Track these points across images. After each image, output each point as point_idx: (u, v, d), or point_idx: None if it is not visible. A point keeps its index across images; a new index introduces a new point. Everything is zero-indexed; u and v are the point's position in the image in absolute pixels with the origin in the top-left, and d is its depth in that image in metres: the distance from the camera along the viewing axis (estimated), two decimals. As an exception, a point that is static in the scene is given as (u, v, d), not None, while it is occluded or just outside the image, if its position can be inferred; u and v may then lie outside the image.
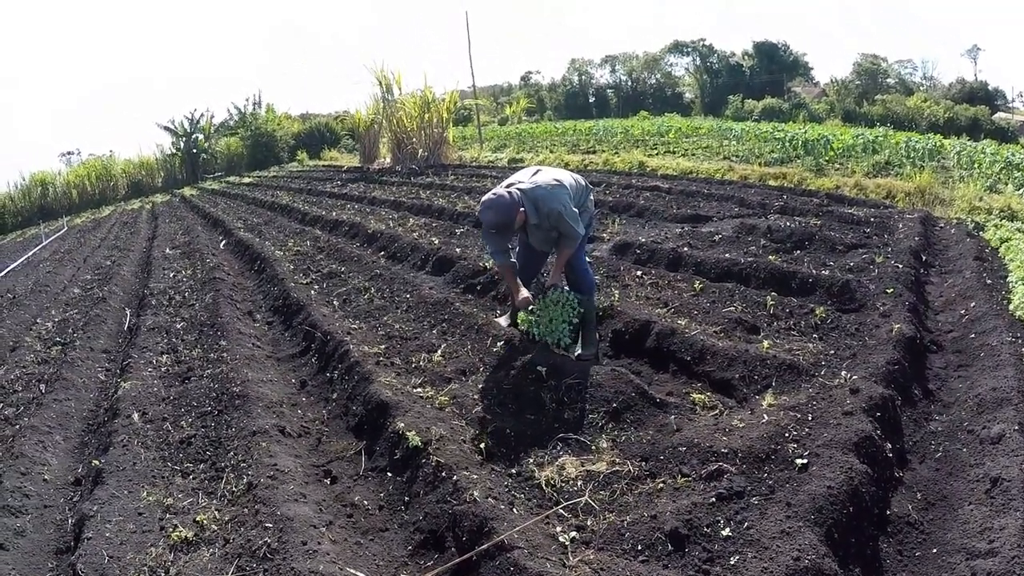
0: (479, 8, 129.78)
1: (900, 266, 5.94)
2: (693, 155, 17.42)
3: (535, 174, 4.44)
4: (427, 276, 7.02)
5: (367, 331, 5.25)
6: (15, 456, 4.14)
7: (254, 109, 39.98)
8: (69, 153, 51.06)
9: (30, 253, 17.31)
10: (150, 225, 18.18)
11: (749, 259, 6.23)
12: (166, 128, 37.74)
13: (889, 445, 3.11)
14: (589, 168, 16.63)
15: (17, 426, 4.69)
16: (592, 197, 4.80)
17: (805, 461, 2.83)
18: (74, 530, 3.37)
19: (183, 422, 4.35)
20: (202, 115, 38.66)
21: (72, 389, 5.41)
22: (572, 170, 16.10)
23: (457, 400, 3.75)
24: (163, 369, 5.42)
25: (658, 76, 67.81)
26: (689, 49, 64.30)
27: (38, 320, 8.07)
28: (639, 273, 5.96)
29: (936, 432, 3.46)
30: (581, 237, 4.41)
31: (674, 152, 18.48)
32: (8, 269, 14.54)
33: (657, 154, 18.23)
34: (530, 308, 4.49)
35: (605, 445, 3.18)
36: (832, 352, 4.19)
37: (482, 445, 3.24)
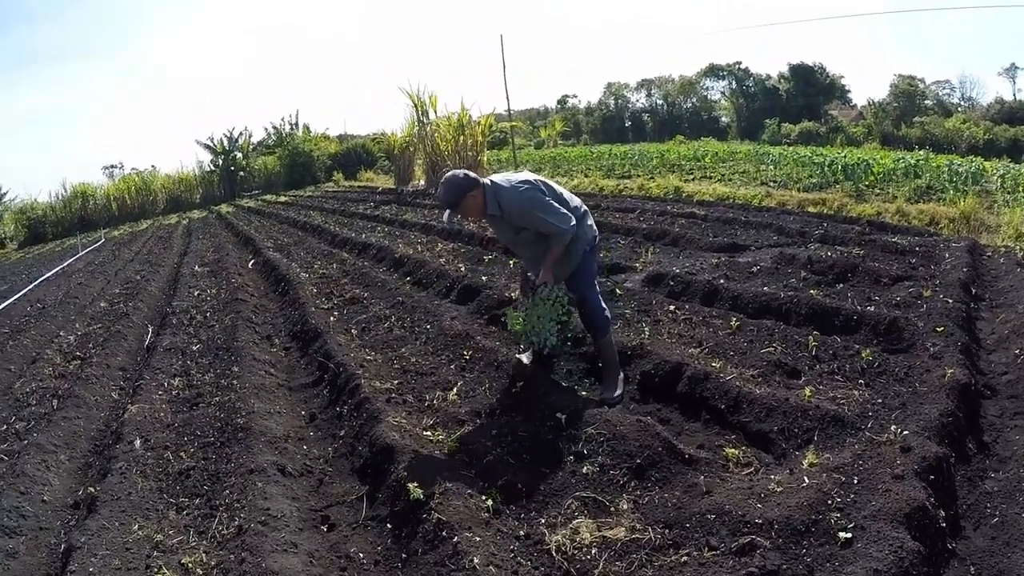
0: (516, 32, 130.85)
1: (949, 301, 5.52)
2: (730, 180, 17.07)
3: (503, 174, 4.25)
4: (451, 304, 6.79)
5: (382, 363, 5.02)
6: (16, 475, 4.02)
7: (291, 129, 40.59)
8: (112, 167, 52.78)
9: (65, 264, 17.57)
10: (184, 241, 18.34)
11: (789, 293, 5.88)
12: (205, 145, 38.54)
13: (942, 512, 2.75)
14: (624, 193, 16.37)
15: (25, 441, 4.58)
16: (591, 223, 4.44)
17: (849, 535, 2.49)
18: (62, 559, 3.22)
19: (184, 452, 4.17)
20: (240, 134, 39.40)
21: (83, 407, 5.28)
22: (607, 195, 16.17)
23: (468, 447, 3.47)
24: (173, 392, 5.27)
25: (694, 100, 67.54)
26: (725, 72, 63.99)
27: (61, 333, 8.05)
28: (672, 308, 5.64)
29: (992, 492, 3.09)
30: (566, 232, 4.02)
31: (710, 177, 18.14)
32: (42, 279, 14.72)
33: (693, 179, 17.92)
34: (517, 307, 4.34)
35: (626, 507, 2.86)
36: (880, 401, 3.82)
37: (489, 502, 2.96)
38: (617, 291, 6.17)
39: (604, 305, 4.45)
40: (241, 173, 38.66)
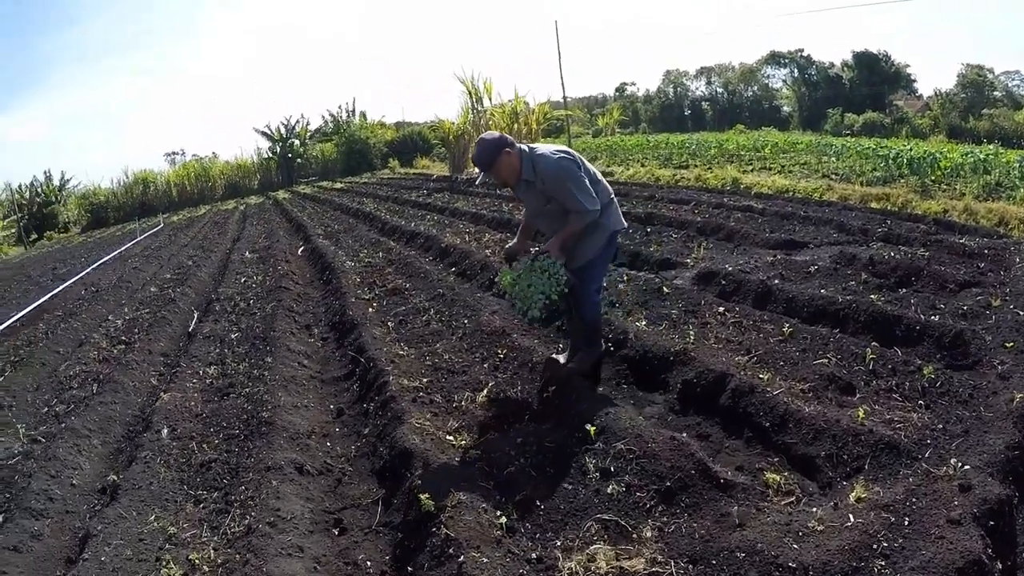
0: (573, 19, 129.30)
1: (1021, 312, 5.05)
2: (790, 172, 16.42)
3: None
4: (493, 298, 6.61)
5: (414, 359, 4.88)
6: (49, 458, 4.09)
7: (348, 117, 40.96)
8: (174, 153, 54.36)
9: (123, 248, 18.11)
10: (238, 227, 18.67)
11: (847, 298, 5.49)
12: (263, 133, 39.28)
13: (1000, 565, 2.44)
14: (680, 184, 15.92)
15: (63, 425, 4.66)
16: (619, 215, 4.34)
17: (893, 592, 2.22)
18: (79, 546, 3.26)
19: (208, 443, 4.15)
20: (298, 121, 39.98)
21: (121, 392, 5.34)
22: (662, 185, 15.74)
23: (491, 455, 3.28)
24: (207, 381, 5.27)
25: (755, 88, 65.68)
26: (787, 60, 61.92)
27: (110, 317, 8.22)
28: (721, 310, 5.34)
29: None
30: (589, 213, 3.95)
31: (770, 168, 17.51)
32: (99, 263, 15.19)
33: (752, 170, 17.32)
34: (513, 266, 4.18)
35: (649, 534, 2.63)
36: (940, 426, 3.48)
37: (503, 519, 2.77)
38: (664, 289, 5.89)
39: (599, 310, 4.43)
40: (298, 160, 39.30)
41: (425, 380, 4.39)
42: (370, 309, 6.37)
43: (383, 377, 4.28)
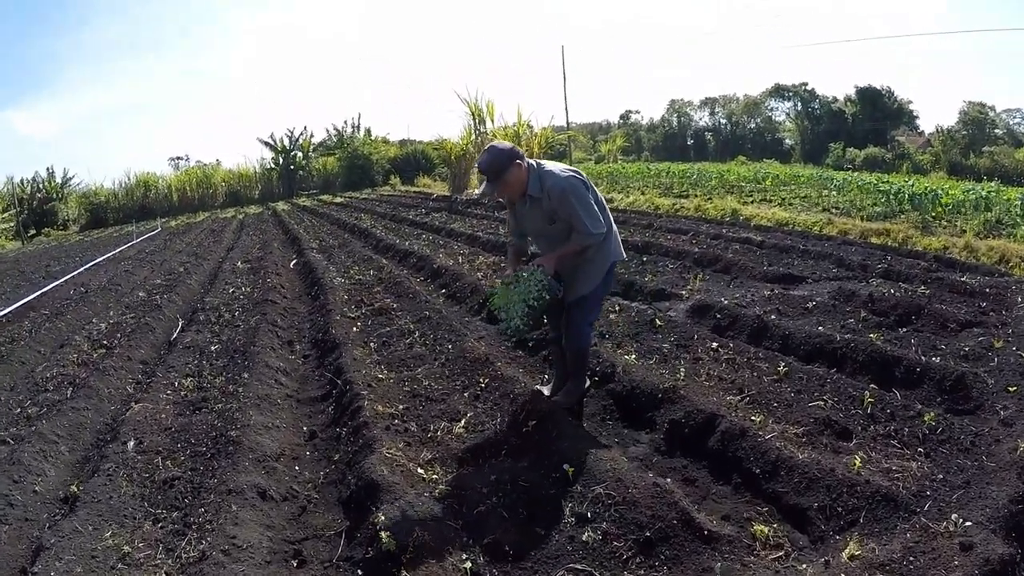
0: (579, 46, 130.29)
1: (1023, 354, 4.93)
2: (790, 205, 16.32)
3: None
4: (481, 323, 6.46)
5: (393, 384, 4.70)
6: (14, 462, 3.92)
7: (352, 131, 41.05)
8: (178, 158, 54.41)
9: (118, 250, 17.96)
10: (234, 236, 18.54)
11: (845, 337, 5.32)
12: (266, 143, 39.32)
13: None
14: (679, 213, 15.79)
15: (33, 428, 4.49)
16: (619, 243, 4.22)
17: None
18: (31, 558, 3.10)
19: (174, 459, 3.98)
20: (301, 133, 40.03)
21: (95, 398, 5.17)
22: (662, 214, 15.61)
23: (462, 492, 3.08)
24: (181, 394, 5.09)
25: (758, 120, 66.02)
26: (790, 93, 62.28)
27: (94, 320, 8.06)
28: (715, 345, 5.17)
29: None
30: (594, 237, 3.81)
31: (770, 201, 17.40)
32: (92, 263, 15.02)
33: (752, 202, 17.22)
34: (503, 281, 4.05)
35: (625, 588, 2.46)
36: (940, 477, 3.30)
37: (468, 564, 2.58)
38: (657, 321, 5.73)
39: (589, 342, 4.34)
40: (300, 172, 39.32)
41: (401, 407, 4.21)
42: (354, 328, 6.20)
43: (358, 401, 4.10)
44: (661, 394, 4.18)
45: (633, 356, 4.99)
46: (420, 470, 3.38)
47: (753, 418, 4.00)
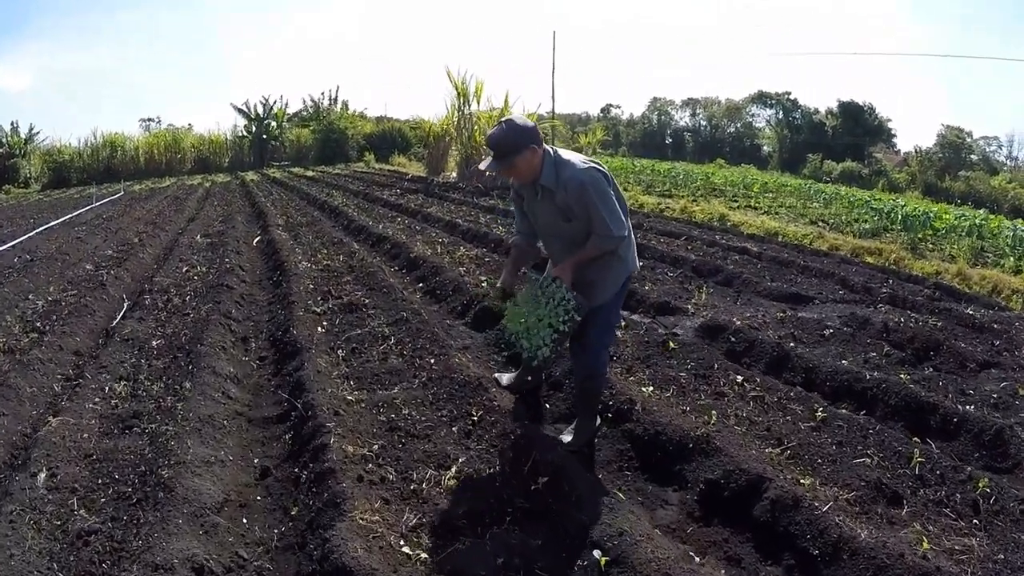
0: (567, 36, 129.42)
1: (1048, 405, 4.46)
2: (776, 214, 16.08)
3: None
4: (465, 328, 5.70)
5: (365, 410, 3.88)
6: None
7: (330, 104, 39.85)
8: (149, 120, 52.21)
9: (75, 213, 16.74)
10: (198, 205, 17.49)
11: (875, 376, 4.73)
12: (239, 110, 37.97)
13: None
14: (666, 214, 15.21)
15: None
16: (635, 251, 3.74)
17: None
18: None
19: (93, 504, 3.14)
20: (275, 102, 38.66)
21: (13, 401, 4.30)
22: (648, 214, 14.95)
23: (459, 584, 2.36)
24: (111, 403, 4.24)
25: (738, 125, 66.09)
26: (773, 101, 62.43)
27: (31, 296, 7.07)
28: (739, 379, 4.51)
29: None
30: (615, 239, 3.38)
31: (756, 208, 17.07)
32: (45, 227, 13.87)
33: (738, 207, 16.85)
34: (515, 302, 3.57)
35: None
36: (1002, 557, 2.81)
37: None
38: (671, 344, 5.04)
39: (605, 370, 3.79)
40: (273, 142, 38.08)
41: (376, 445, 3.40)
42: (319, 328, 5.38)
43: (323, 435, 3.31)
44: (692, 443, 3.50)
45: (650, 388, 4.29)
46: (403, 544, 2.61)
47: (802, 481, 3.38)
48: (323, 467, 3.02)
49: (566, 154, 3.42)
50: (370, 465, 3.16)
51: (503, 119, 3.38)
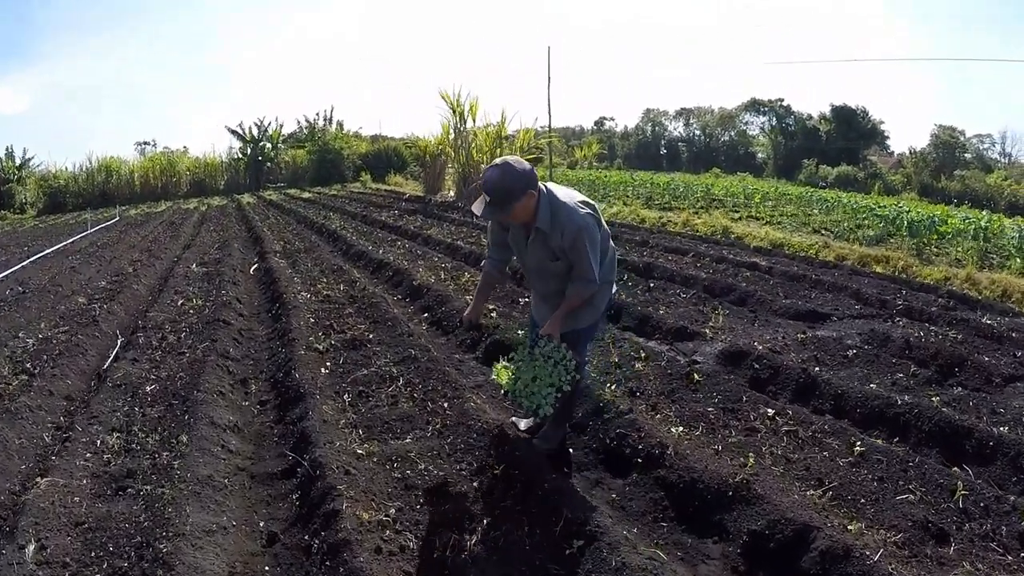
0: (561, 50, 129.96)
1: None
2: (779, 224, 15.92)
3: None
4: (476, 364, 5.44)
5: (377, 466, 3.59)
6: None
7: (324, 124, 39.75)
8: (145, 143, 52.17)
9: (70, 240, 16.50)
10: (194, 230, 17.24)
11: (907, 401, 4.52)
12: (234, 132, 37.74)
13: None
14: (668, 228, 15.00)
15: None
16: (615, 270, 3.87)
17: None
18: None
19: (83, 581, 2.86)
20: (270, 124, 38.56)
21: (1, 455, 4.02)
22: (650, 229, 14.73)
23: None
24: (104, 458, 3.96)
25: (732, 133, 66.18)
26: (766, 109, 62.56)
27: (21, 334, 6.79)
28: (771, 412, 4.26)
29: None
30: (592, 285, 3.46)
31: (758, 218, 16.91)
32: (38, 255, 13.62)
33: (740, 218, 16.70)
34: (511, 357, 3.67)
35: None
36: None
37: None
38: (696, 376, 4.79)
39: (587, 378, 4.08)
40: (268, 164, 37.88)
41: (393, 508, 3.12)
42: (323, 369, 5.11)
43: (333, 498, 3.03)
44: (731, 491, 3.25)
45: (680, 428, 4.03)
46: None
47: (849, 527, 3.14)
48: (336, 538, 2.75)
49: (561, 193, 3.40)
50: (388, 532, 2.89)
51: (499, 161, 3.29)
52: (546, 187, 3.40)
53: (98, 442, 4.16)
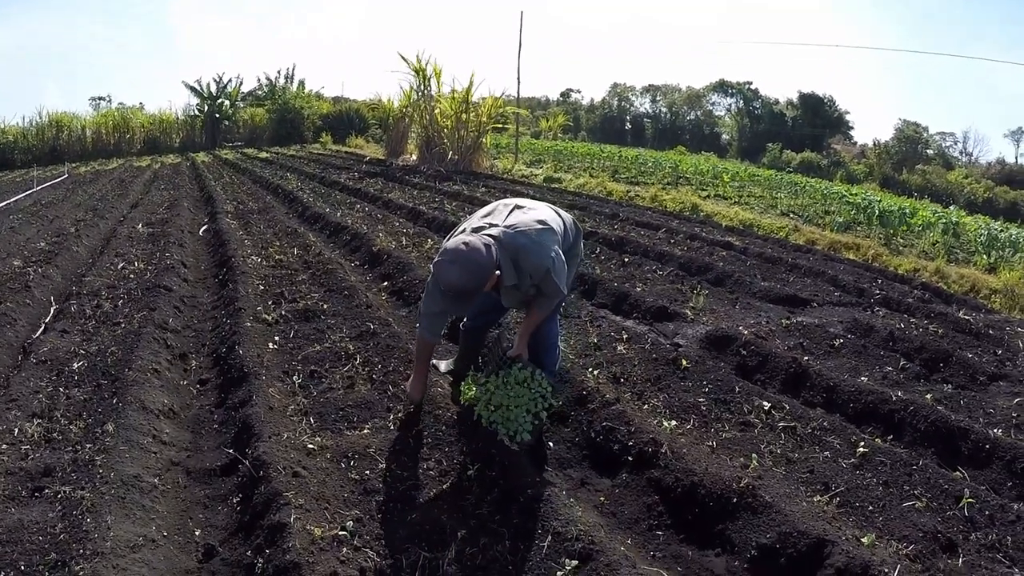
0: (528, 17, 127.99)
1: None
2: (747, 204, 15.83)
3: (512, 212, 3.36)
4: (444, 342, 5.01)
5: (331, 465, 3.11)
6: None
7: (285, 83, 38.45)
8: (100, 99, 49.81)
9: (15, 199, 15.46)
10: (144, 189, 16.37)
11: (900, 396, 4.27)
12: (191, 88, 36.26)
13: None
14: (636, 202, 14.69)
15: None
16: (582, 244, 3.88)
17: None
18: None
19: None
20: (230, 80, 37.10)
21: None
22: (618, 202, 14.41)
23: None
24: (22, 449, 3.40)
25: (698, 113, 66.24)
26: (734, 90, 62.73)
27: (-50, 304, 6.10)
28: (766, 405, 3.94)
29: None
30: (563, 298, 3.52)
31: (726, 198, 16.80)
32: (-21, 218, 12.64)
33: (708, 196, 16.53)
34: (483, 382, 3.45)
35: None
36: None
37: None
38: (683, 362, 4.43)
39: (559, 341, 3.99)
40: (226, 122, 36.53)
41: (350, 520, 2.65)
42: (271, 344, 4.60)
43: (279, 508, 2.55)
44: (735, 497, 2.91)
45: (672, 422, 3.67)
46: None
47: (863, 540, 2.88)
48: (284, 560, 2.29)
49: (517, 229, 3.16)
50: (345, 549, 2.44)
51: (450, 256, 2.97)
52: (501, 231, 3.13)
53: (15, 430, 3.59)
